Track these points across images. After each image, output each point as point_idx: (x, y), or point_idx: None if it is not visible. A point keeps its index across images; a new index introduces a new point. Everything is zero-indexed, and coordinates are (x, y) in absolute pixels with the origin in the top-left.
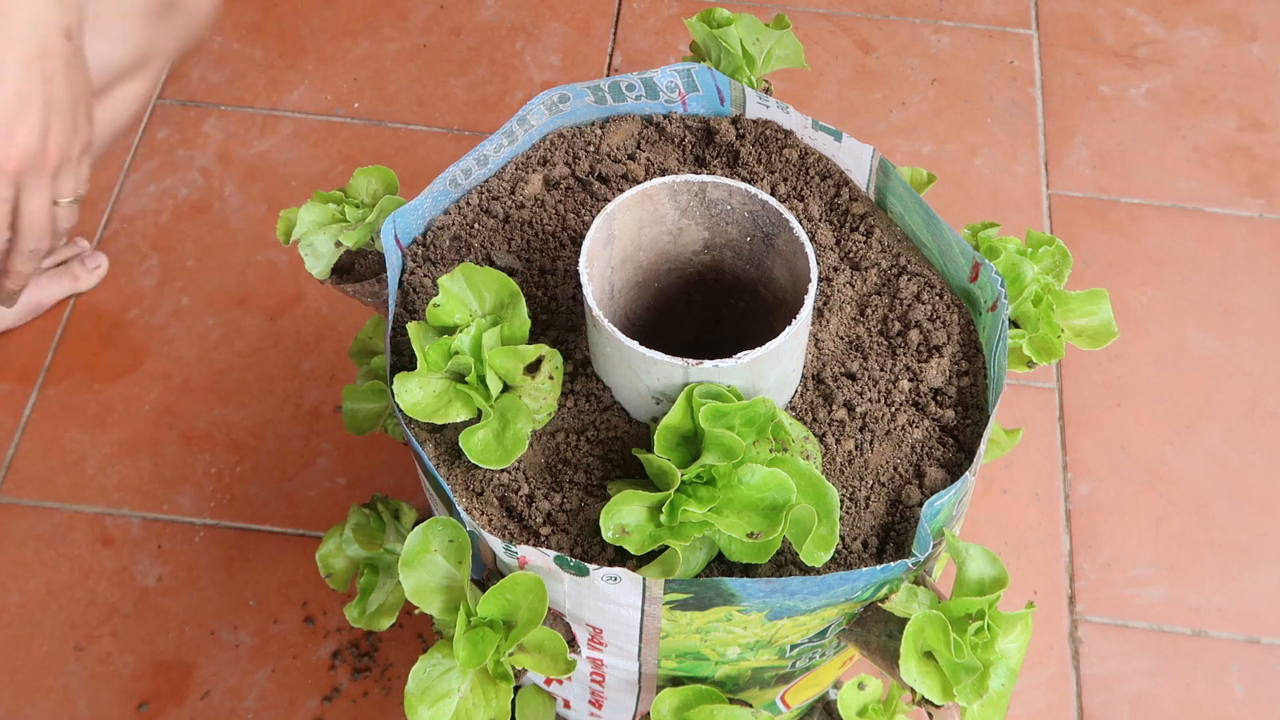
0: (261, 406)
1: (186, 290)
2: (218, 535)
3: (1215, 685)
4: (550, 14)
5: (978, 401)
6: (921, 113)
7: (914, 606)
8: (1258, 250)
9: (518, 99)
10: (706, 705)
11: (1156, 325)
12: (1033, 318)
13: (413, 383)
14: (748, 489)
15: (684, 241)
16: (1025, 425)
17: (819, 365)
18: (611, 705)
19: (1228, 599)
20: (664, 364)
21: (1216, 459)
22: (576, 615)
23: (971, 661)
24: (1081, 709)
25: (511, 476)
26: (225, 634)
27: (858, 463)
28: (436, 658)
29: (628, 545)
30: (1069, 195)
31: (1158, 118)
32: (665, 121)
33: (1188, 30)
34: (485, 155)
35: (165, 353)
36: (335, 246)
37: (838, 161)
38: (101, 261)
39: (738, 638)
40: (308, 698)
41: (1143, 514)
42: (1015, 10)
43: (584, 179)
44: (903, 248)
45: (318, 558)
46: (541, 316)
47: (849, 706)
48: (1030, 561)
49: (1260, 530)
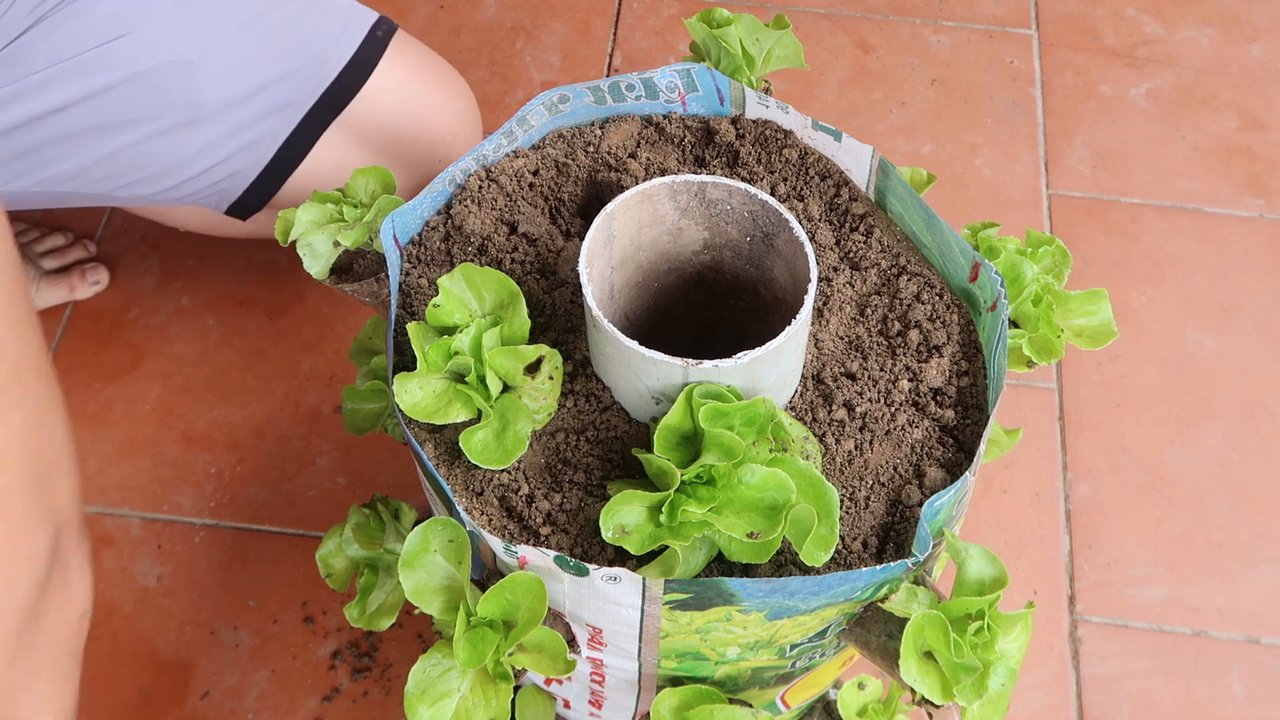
0: (261, 406)
1: (186, 290)
2: (218, 535)
3: (1215, 685)
4: (550, 14)
5: (978, 401)
6: (921, 113)
7: (914, 606)
8: (1257, 250)
9: (518, 99)
10: (706, 705)
11: (1156, 325)
12: (1033, 318)
13: (413, 383)
14: (748, 489)
15: (684, 241)
16: (1025, 425)
17: (819, 365)
18: (611, 705)
19: (1228, 599)
20: (664, 364)
21: (1216, 459)
22: (576, 615)
23: (971, 661)
24: (1081, 709)
25: (511, 476)
26: (225, 634)
27: (858, 463)
28: (436, 658)
29: (628, 545)
30: (1069, 195)
31: (1158, 118)
32: (665, 122)
33: (1188, 30)
34: (484, 155)
35: (165, 353)
36: (333, 246)
37: (838, 161)
38: (101, 276)
39: (737, 638)
40: (307, 698)
41: (1143, 514)
42: (1015, 10)
43: (584, 179)
44: (903, 248)
45: (318, 558)
46: (540, 318)
47: (849, 706)
48: (1030, 561)
49: (1260, 530)
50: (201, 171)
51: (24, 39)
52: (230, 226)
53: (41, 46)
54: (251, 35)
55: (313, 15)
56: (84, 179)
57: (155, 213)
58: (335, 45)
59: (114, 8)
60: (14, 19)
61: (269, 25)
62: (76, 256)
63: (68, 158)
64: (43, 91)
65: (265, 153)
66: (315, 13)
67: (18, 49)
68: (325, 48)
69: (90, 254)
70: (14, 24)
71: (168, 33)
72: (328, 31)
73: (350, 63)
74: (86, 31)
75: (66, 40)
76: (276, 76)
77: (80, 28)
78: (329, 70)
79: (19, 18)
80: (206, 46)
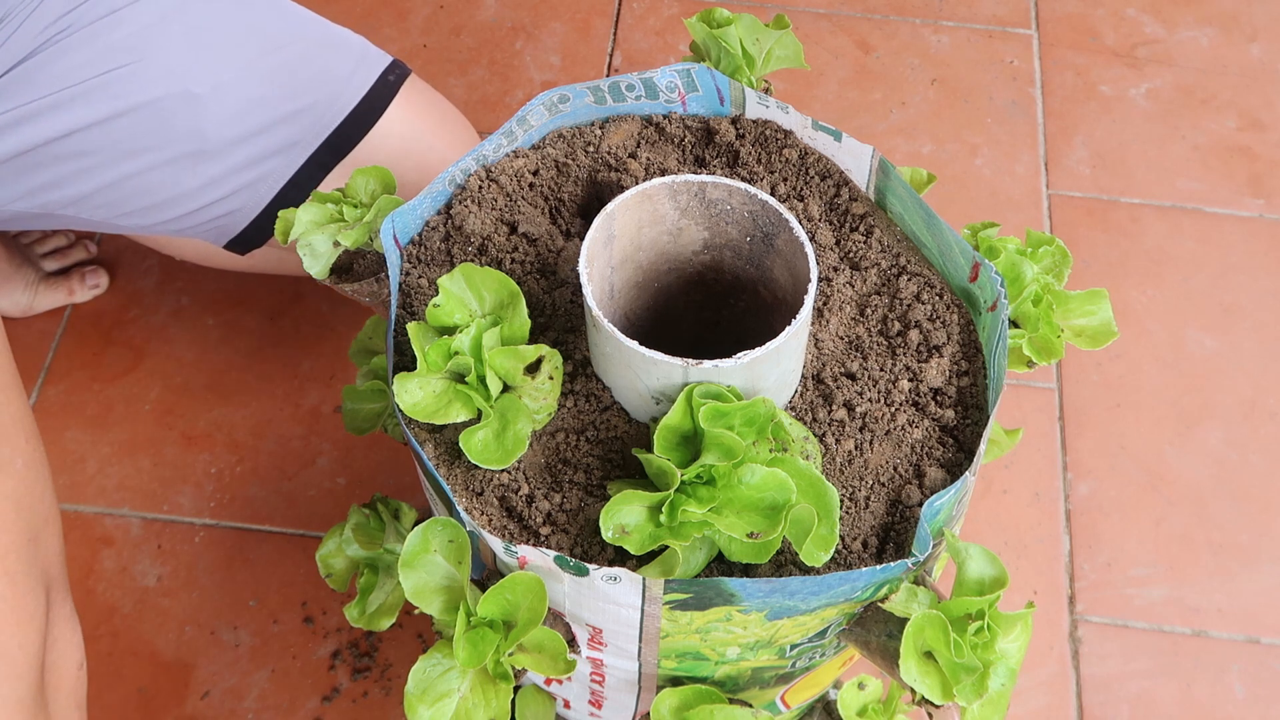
0: (261, 406)
1: (186, 290)
2: (218, 535)
3: (1215, 685)
4: (550, 14)
5: (978, 401)
6: (921, 113)
7: (914, 606)
8: (1258, 250)
9: (518, 99)
10: (706, 705)
11: (1156, 325)
12: (1033, 318)
13: (413, 383)
14: (748, 489)
15: (684, 241)
16: (1025, 425)
17: (819, 365)
18: (611, 705)
19: (1228, 599)
20: (664, 364)
21: (1216, 459)
22: (576, 615)
23: (971, 661)
24: (1081, 709)
25: (511, 476)
26: (225, 634)
27: (858, 463)
28: (436, 658)
29: (628, 545)
30: (1069, 195)
31: (1158, 118)
32: (665, 122)
33: (1188, 30)
34: (484, 155)
35: (165, 353)
36: (333, 246)
37: (837, 161)
38: (101, 280)
39: (737, 638)
40: (307, 698)
41: (1143, 514)
42: (1015, 10)
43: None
44: (903, 248)
45: (318, 558)
46: (540, 318)
47: (849, 706)
48: (1030, 561)
49: (1260, 530)
50: (203, 206)
51: (32, 62)
52: (226, 259)
53: (50, 71)
54: (261, 72)
55: (325, 54)
56: (85, 205)
57: (151, 240)
58: (345, 87)
59: (124, 35)
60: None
61: (279, 62)
62: (78, 257)
63: (70, 183)
64: (49, 116)
65: (267, 191)
66: (328, 51)
67: (25, 71)
68: (335, 89)
69: (91, 254)
70: (22, 46)
71: (177, 64)
72: (339, 73)
73: (359, 105)
74: (96, 58)
75: (75, 66)
76: (284, 115)
77: (90, 54)
78: (337, 112)
79: (27, 40)
80: (215, 80)
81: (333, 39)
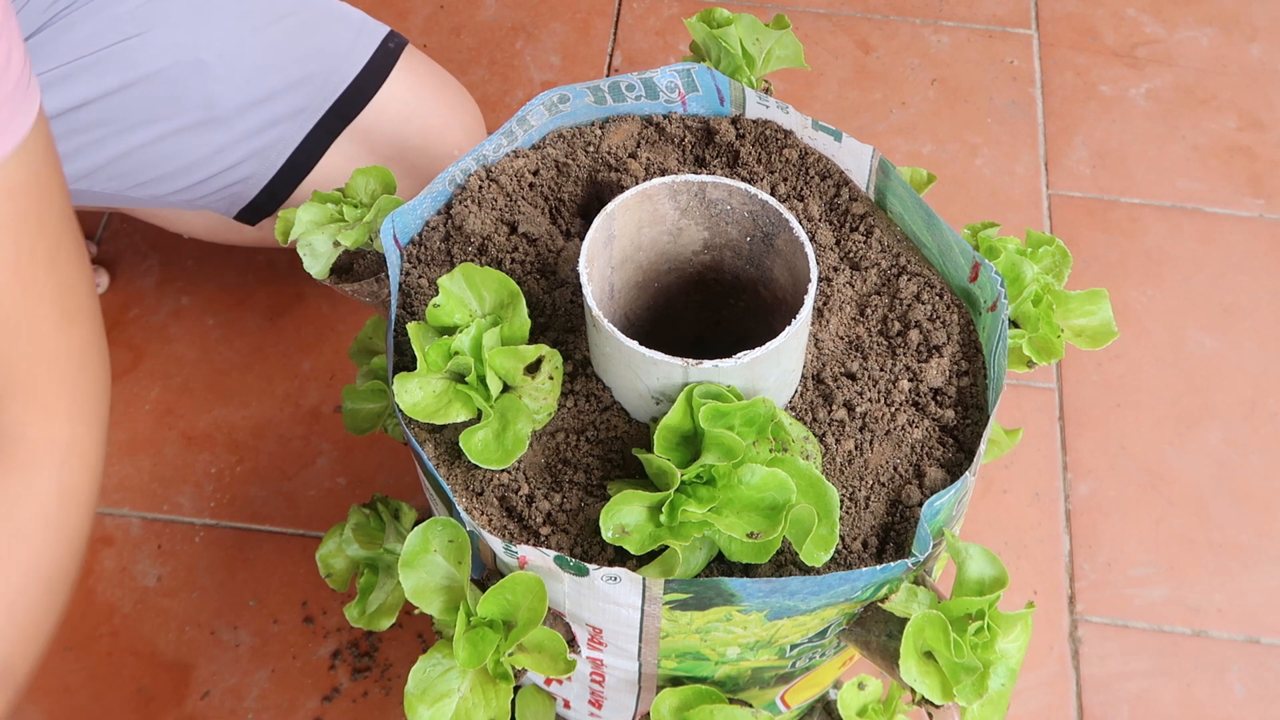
0: (261, 406)
1: (186, 290)
2: (218, 535)
3: (1215, 685)
4: (550, 14)
5: (978, 401)
6: (921, 113)
7: (914, 606)
8: (1258, 250)
9: (518, 99)
10: (706, 705)
11: (1156, 325)
12: (1033, 318)
13: (413, 383)
14: (748, 489)
15: (684, 241)
16: (1025, 425)
17: (819, 365)
18: (611, 705)
19: (1228, 599)
20: (664, 364)
21: (1216, 459)
22: (576, 615)
23: (971, 661)
24: (1081, 709)
25: (511, 476)
26: (225, 634)
27: (858, 463)
28: (436, 658)
29: (628, 545)
30: (1069, 195)
31: (1158, 118)
32: (665, 122)
33: (1188, 30)
34: (484, 155)
35: (165, 353)
36: (333, 246)
37: (838, 161)
38: (101, 280)
39: (738, 638)
40: (308, 698)
41: (1143, 514)
42: (1015, 10)
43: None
44: (903, 248)
45: (318, 558)
46: (540, 318)
47: (849, 706)
48: (1030, 561)
49: (1260, 530)
50: (215, 174)
51: (40, 35)
52: (234, 233)
53: (58, 43)
54: (266, 40)
55: (326, 24)
56: (98, 177)
57: (159, 218)
58: (348, 54)
59: (131, 7)
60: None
61: (283, 31)
62: None
63: (83, 155)
64: (60, 88)
65: (278, 158)
66: (329, 21)
67: (34, 45)
68: (338, 56)
69: (91, 254)
70: (31, 20)
71: (184, 34)
72: (341, 40)
73: (362, 72)
74: (104, 30)
75: (84, 38)
76: (290, 82)
77: (98, 25)
78: (341, 78)
79: (36, 14)
80: (222, 49)
81: (333, 9)
